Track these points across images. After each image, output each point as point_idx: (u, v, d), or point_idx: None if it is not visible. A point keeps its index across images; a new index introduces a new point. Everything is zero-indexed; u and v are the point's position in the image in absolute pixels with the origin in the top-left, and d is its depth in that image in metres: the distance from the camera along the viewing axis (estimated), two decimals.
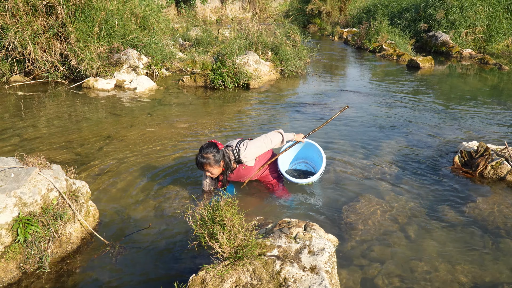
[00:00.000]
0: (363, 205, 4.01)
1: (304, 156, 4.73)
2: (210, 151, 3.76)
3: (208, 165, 3.76)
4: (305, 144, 4.46)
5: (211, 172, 3.84)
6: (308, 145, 4.44)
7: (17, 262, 3.01)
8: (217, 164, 3.80)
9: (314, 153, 4.49)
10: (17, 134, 5.96)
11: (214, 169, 3.81)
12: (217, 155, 3.78)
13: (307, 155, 4.68)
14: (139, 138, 5.81)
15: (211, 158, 3.75)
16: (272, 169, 4.38)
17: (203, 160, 3.75)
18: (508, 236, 3.51)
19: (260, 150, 4.04)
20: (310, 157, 4.66)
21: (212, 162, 3.76)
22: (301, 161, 4.79)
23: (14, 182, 3.09)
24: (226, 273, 2.44)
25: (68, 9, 8.80)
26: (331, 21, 22.44)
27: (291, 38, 11.98)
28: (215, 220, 2.55)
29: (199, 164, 3.78)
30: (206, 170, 3.81)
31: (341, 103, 7.78)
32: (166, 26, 12.30)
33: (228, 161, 3.91)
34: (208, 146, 3.80)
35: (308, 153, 4.63)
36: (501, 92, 8.96)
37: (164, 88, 9.09)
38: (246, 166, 4.05)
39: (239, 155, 3.94)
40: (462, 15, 14.09)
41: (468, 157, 4.80)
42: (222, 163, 3.86)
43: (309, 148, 4.50)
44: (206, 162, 3.75)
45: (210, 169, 3.79)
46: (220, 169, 3.88)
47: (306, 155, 4.70)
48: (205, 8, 24.66)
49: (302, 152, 4.68)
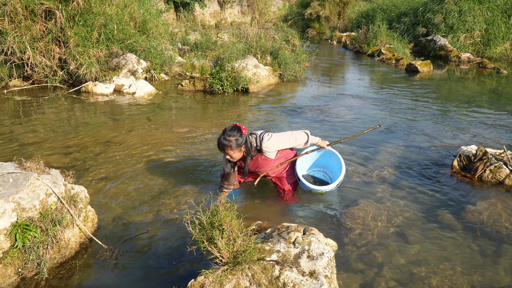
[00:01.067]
0: (362, 210, 4.01)
1: (323, 165, 4.60)
2: (233, 134, 3.71)
3: (230, 148, 3.70)
4: (327, 153, 4.35)
5: (231, 156, 3.77)
6: (331, 154, 4.32)
7: (16, 267, 3.00)
8: (238, 148, 3.73)
9: (334, 163, 4.35)
10: (16, 139, 5.95)
11: (235, 153, 3.75)
12: (240, 139, 3.72)
13: (327, 164, 4.54)
14: (138, 143, 5.81)
15: (233, 141, 3.69)
16: (290, 174, 4.28)
17: (225, 142, 3.69)
18: (508, 240, 3.51)
19: (283, 144, 3.98)
20: (330, 167, 4.51)
21: (234, 146, 3.70)
22: (320, 169, 4.67)
23: (12, 187, 3.09)
24: (225, 278, 2.44)
25: (67, 13, 8.81)
26: (330, 25, 22.49)
27: (290, 42, 12.00)
28: (214, 225, 2.55)
29: (221, 146, 3.72)
30: (227, 153, 3.75)
31: (340, 106, 7.79)
32: (165, 30, 12.32)
33: (250, 147, 3.85)
34: (232, 128, 3.74)
35: (328, 162, 4.49)
36: (500, 96, 8.98)
37: (163, 92, 9.10)
38: (266, 157, 3.97)
39: (261, 144, 3.88)
40: (460, 19, 14.13)
41: (467, 161, 4.80)
42: (244, 148, 3.80)
43: (331, 158, 4.37)
44: (228, 145, 3.69)
45: (230, 152, 3.73)
46: (240, 154, 3.81)
47: (326, 164, 4.56)
48: (204, 12, 24.70)
49: (322, 160, 4.55)
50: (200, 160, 5.21)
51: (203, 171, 4.89)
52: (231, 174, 4.13)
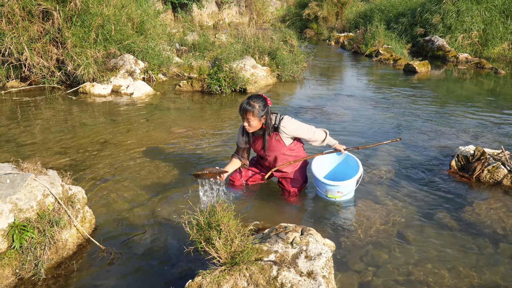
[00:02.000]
0: (360, 210, 4.01)
1: (342, 174, 4.38)
2: (257, 101, 3.70)
3: (251, 113, 3.67)
4: (346, 160, 4.27)
5: (250, 124, 3.74)
6: (349, 160, 4.22)
7: (13, 268, 2.99)
8: (258, 117, 3.71)
9: (352, 171, 4.13)
10: (13, 140, 5.94)
11: (254, 120, 3.72)
12: (263, 108, 3.70)
13: (345, 173, 4.31)
14: (136, 143, 5.80)
15: (256, 107, 3.67)
16: (298, 177, 4.21)
17: (248, 107, 3.67)
18: (505, 240, 3.51)
19: (301, 131, 3.95)
20: (349, 175, 4.15)
21: (256, 112, 3.67)
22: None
23: (9, 188, 3.08)
24: (222, 278, 2.43)
25: (65, 14, 8.79)
26: (327, 26, 22.50)
27: (288, 43, 12.00)
28: (211, 225, 2.54)
29: (243, 110, 3.70)
30: (247, 119, 3.71)
31: (338, 107, 7.80)
32: (163, 31, 12.30)
33: (270, 121, 3.82)
34: (257, 96, 3.73)
35: (347, 172, 4.27)
36: (498, 96, 8.99)
37: (161, 93, 9.09)
38: (280, 139, 3.92)
39: (280, 122, 3.85)
40: (458, 19, 14.15)
41: (464, 161, 4.81)
42: (264, 120, 3.77)
43: (349, 164, 4.26)
44: (250, 110, 3.66)
45: (251, 118, 3.70)
46: (259, 124, 3.78)
47: (345, 173, 4.33)
48: (202, 13, 24.69)
49: (341, 169, 4.40)
50: (198, 160, 5.20)
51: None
52: (243, 149, 4.12)
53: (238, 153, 4.21)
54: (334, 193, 4.06)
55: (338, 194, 4.07)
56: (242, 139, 4.08)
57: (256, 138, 4.03)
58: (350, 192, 4.14)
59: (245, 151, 4.21)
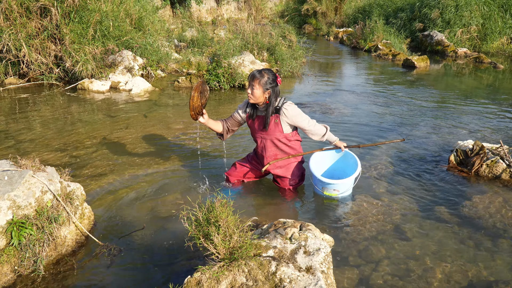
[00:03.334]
0: (358, 205, 4.01)
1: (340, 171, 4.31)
2: (269, 73, 3.73)
3: (258, 81, 3.68)
4: (345, 157, 4.22)
5: (253, 92, 3.73)
6: (348, 158, 4.18)
7: (12, 265, 2.99)
8: (264, 87, 3.71)
9: (352, 170, 4.07)
10: (12, 136, 5.93)
11: (259, 89, 3.71)
12: (271, 81, 3.72)
13: (345, 171, 4.21)
14: (135, 140, 5.79)
15: (265, 77, 3.70)
16: (293, 175, 4.19)
17: (257, 74, 3.70)
18: (504, 234, 3.52)
19: (302, 119, 3.91)
20: (348, 173, 4.11)
21: (263, 82, 3.69)
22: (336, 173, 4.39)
23: (7, 185, 3.07)
24: (221, 274, 2.43)
25: (63, 10, 8.77)
26: (326, 21, 22.48)
27: (286, 38, 11.98)
28: (210, 221, 2.54)
29: (252, 75, 3.72)
30: (252, 85, 3.72)
31: (337, 102, 7.79)
32: (162, 27, 12.28)
33: (274, 99, 3.83)
34: (270, 70, 3.77)
35: (347, 170, 4.18)
36: (496, 91, 8.99)
37: (159, 89, 9.07)
38: (279, 122, 3.88)
39: (282, 105, 3.83)
40: (457, 14, 14.13)
41: (463, 156, 4.81)
42: (268, 94, 3.76)
43: (348, 162, 4.20)
44: (258, 77, 3.69)
45: (256, 86, 3.70)
46: (261, 96, 3.75)
47: (345, 170, 4.23)
48: (201, 9, 24.64)
49: (340, 167, 4.33)
50: (196, 157, 5.20)
51: (199, 168, 4.88)
52: (234, 122, 4.12)
53: (227, 121, 4.17)
54: (330, 190, 4.05)
55: (334, 192, 4.06)
56: (240, 112, 4.05)
57: (257, 117, 3.99)
58: (347, 191, 4.12)
59: (234, 125, 4.16)
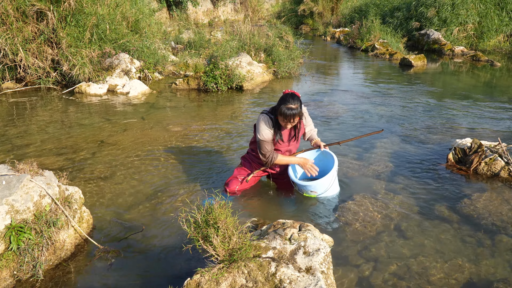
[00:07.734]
0: (357, 205, 4.00)
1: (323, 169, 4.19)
2: (296, 102, 3.61)
3: (298, 115, 3.65)
4: (325, 156, 4.17)
5: (294, 123, 3.71)
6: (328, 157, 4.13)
7: (11, 270, 2.98)
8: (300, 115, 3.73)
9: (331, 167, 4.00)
10: (9, 141, 5.91)
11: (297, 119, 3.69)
12: (301, 105, 3.69)
13: (325, 171, 4.11)
14: (133, 143, 5.78)
15: (299, 109, 3.64)
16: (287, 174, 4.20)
17: (295, 112, 3.61)
18: (503, 232, 3.52)
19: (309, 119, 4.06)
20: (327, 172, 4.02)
21: (300, 113, 3.68)
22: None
23: (5, 189, 3.06)
24: (221, 276, 2.43)
25: (59, 14, 8.75)
26: (323, 21, 22.50)
27: (283, 39, 11.98)
28: (209, 223, 2.53)
29: (290, 116, 3.60)
30: (293, 121, 3.66)
31: (334, 102, 7.79)
32: (158, 29, 12.27)
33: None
34: (293, 96, 3.63)
35: (328, 168, 4.07)
36: (494, 89, 9.00)
37: (157, 91, 9.06)
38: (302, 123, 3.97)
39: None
40: (453, 12, 14.16)
41: (462, 154, 4.81)
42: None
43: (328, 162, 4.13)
44: (297, 113, 3.63)
45: (296, 120, 3.67)
46: None
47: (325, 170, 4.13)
48: (197, 11, 24.64)
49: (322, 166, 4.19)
50: (195, 158, 5.19)
51: (197, 170, 4.87)
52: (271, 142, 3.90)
53: (270, 146, 3.91)
54: (308, 192, 4.05)
55: (312, 193, 4.05)
56: (269, 131, 3.84)
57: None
58: (327, 191, 4.04)
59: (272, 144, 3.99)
